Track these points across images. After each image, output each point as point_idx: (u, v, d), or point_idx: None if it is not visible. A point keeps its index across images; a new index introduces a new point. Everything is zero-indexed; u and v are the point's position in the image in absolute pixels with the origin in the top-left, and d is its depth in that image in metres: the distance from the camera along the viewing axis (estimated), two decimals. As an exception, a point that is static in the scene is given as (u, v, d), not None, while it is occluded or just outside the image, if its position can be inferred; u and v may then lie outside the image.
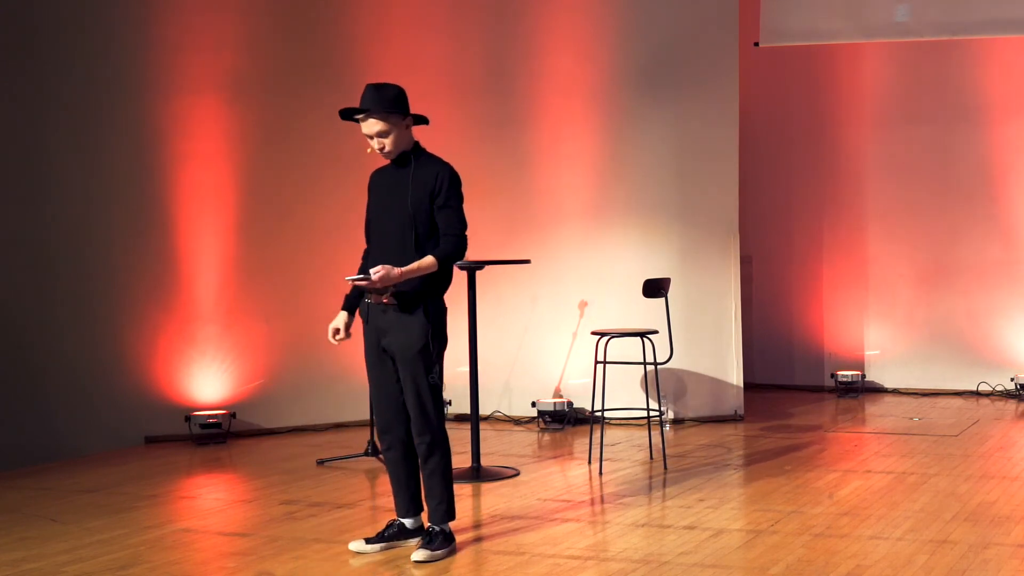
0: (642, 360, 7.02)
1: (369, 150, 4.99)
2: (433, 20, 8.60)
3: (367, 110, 4.88)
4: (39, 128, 7.88)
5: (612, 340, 6.87)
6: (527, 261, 7.13)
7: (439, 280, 4.95)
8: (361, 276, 4.87)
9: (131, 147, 7.96)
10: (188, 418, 7.87)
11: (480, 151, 8.52)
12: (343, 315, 5.05)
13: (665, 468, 6.77)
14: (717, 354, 8.39)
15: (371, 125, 4.89)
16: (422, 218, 4.90)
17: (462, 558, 4.99)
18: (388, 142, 4.90)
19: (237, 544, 5.34)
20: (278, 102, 8.22)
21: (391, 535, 5.12)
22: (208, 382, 8.05)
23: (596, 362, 6.81)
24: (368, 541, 5.11)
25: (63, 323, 7.90)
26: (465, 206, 5.04)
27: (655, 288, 6.83)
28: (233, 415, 7.99)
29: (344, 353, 7.87)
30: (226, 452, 7.66)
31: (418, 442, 4.96)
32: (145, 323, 7.98)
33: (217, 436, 7.86)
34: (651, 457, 7.07)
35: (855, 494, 6.00)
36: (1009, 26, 8.56)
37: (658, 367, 7.02)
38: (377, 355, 5.00)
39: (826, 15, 8.88)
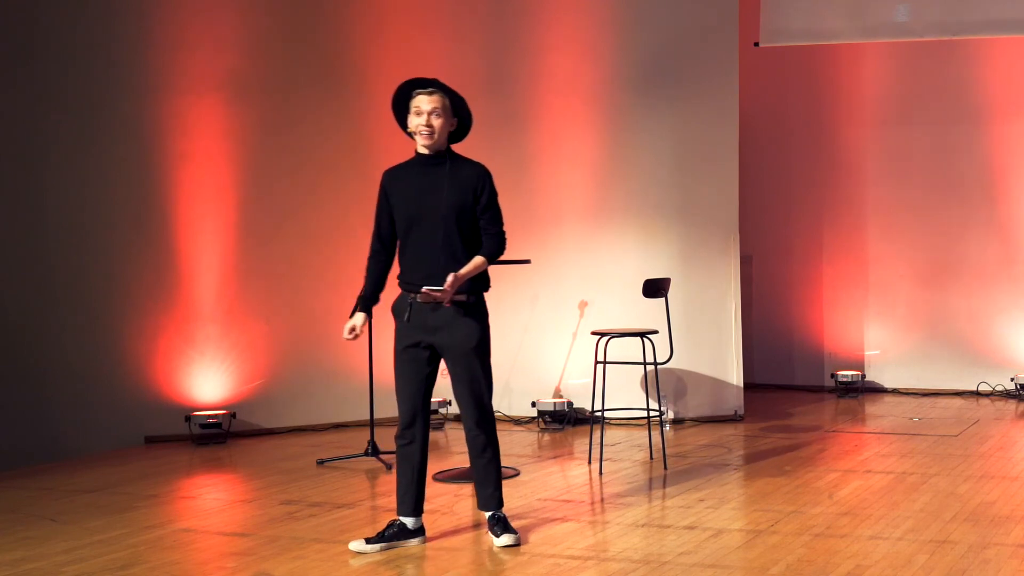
0: (642, 360, 7.01)
1: (410, 129, 5.04)
2: (433, 20, 8.59)
3: (437, 82, 5.08)
4: (39, 128, 7.88)
5: (612, 340, 6.86)
6: (527, 261, 7.13)
7: (487, 277, 5.16)
8: (437, 288, 4.92)
9: (131, 147, 7.96)
10: (188, 418, 7.87)
11: (480, 151, 8.45)
12: (361, 315, 5.19)
13: (665, 468, 6.78)
14: (717, 354, 8.39)
15: (432, 100, 5.03)
16: (465, 218, 5.04)
17: (462, 558, 4.99)
18: (438, 124, 5.03)
19: (237, 544, 5.34)
20: (278, 102, 8.22)
21: (391, 535, 5.13)
22: (208, 382, 8.05)
23: (596, 362, 6.80)
24: (368, 541, 5.11)
25: (63, 323, 7.90)
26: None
27: (655, 288, 6.82)
28: (233, 415, 7.99)
29: (344, 353, 7.92)
30: (226, 452, 7.66)
31: (476, 433, 5.11)
32: (145, 323, 7.98)
33: (217, 436, 7.86)
34: (651, 457, 7.07)
35: (855, 494, 6.00)
36: (1009, 26, 8.56)
37: (658, 367, 7.02)
38: (414, 351, 5.07)
39: (826, 15, 8.87)
